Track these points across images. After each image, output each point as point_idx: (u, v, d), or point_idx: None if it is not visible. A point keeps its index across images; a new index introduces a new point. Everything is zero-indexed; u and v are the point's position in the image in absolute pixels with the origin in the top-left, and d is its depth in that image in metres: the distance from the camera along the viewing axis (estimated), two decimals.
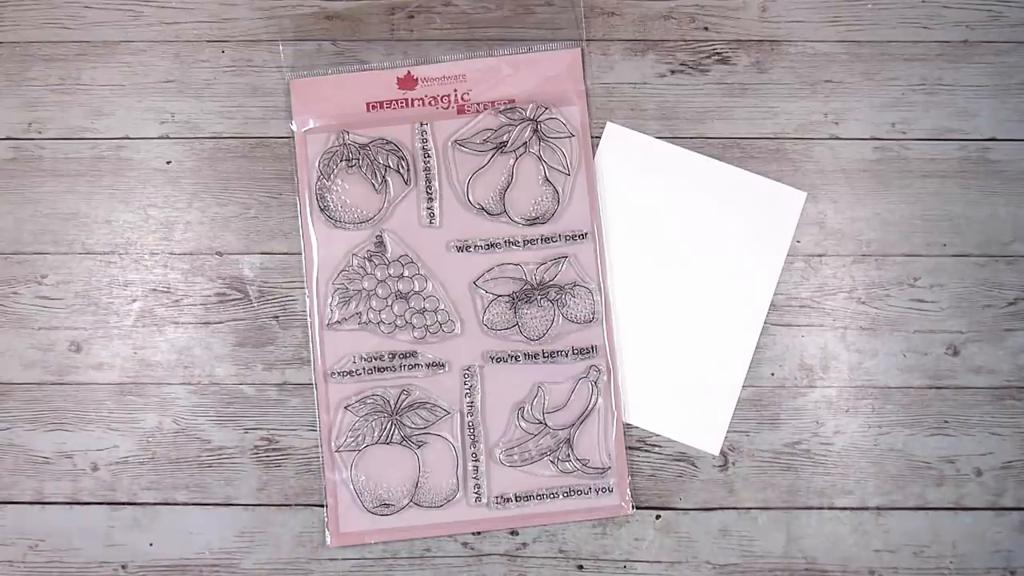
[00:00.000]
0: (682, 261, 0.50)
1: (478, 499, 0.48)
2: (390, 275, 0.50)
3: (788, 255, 0.51)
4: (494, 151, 0.50)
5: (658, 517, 0.50)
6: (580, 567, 0.50)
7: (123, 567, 0.49)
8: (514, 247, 0.50)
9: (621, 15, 0.52)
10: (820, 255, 0.51)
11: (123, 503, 0.50)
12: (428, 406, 0.49)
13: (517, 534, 0.49)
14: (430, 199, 0.50)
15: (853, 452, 0.50)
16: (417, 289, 0.50)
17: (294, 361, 0.50)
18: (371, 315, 0.49)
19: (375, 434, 0.49)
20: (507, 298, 0.50)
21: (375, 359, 0.49)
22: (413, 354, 0.49)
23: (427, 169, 0.50)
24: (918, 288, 0.51)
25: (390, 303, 0.50)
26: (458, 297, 0.50)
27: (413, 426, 0.49)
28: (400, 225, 0.50)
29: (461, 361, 0.49)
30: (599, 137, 0.51)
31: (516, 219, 0.50)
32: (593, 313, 0.50)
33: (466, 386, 0.49)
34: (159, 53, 0.52)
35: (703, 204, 0.51)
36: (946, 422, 0.50)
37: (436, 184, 0.50)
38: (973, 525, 0.50)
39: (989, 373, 0.50)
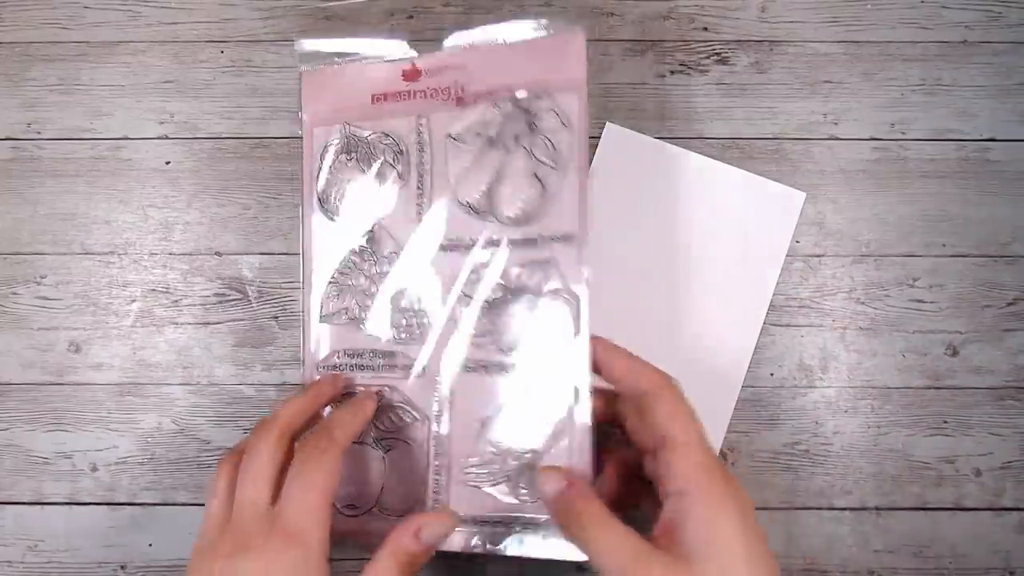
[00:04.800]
0: (681, 261, 0.50)
1: None
2: (377, 272, 0.49)
3: (787, 255, 0.51)
4: (487, 145, 0.49)
5: None
6: (580, 567, 0.49)
7: (122, 567, 0.49)
8: (497, 247, 0.47)
9: (620, 15, 0.52)
10: (819, 255, 0.51)
11: (122, 503, 0.50)
12: (400, 409, 0.47)
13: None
14: (420, 195, 0.49)
15: (852, 452, 0.50)
16: (402, 287, 0.48)
17: (293, 361, 0.50)
18: (357, 312, 0.48)
19: None
20: (486, 304, 0.47)
21: (357, 356, 0.48)
22: (392, 354, 0.48)
23: (420, 164, 0.49)
24: (917, 288, 0.51)
25: (375, 301, 0.48)
26: (440, 298, 0.48)
27: (383, 428, 0.47)
28: (393, 221, 0.49)
29: (435, 367, 0.47)
30: (598, 137, 0.51)
31: (503, 217, 0.47)
32: (575, 328, 0.45)
33: (435, 394, 0.47)
34: (158, 53, 0.52)
35: (702, 204, 0.51)
36: (945, 422, 0.50)
37: (428, 179, 0.49)
38: (972, 525, 0.50)
39: (988, 373, 0.50)
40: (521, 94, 0.48)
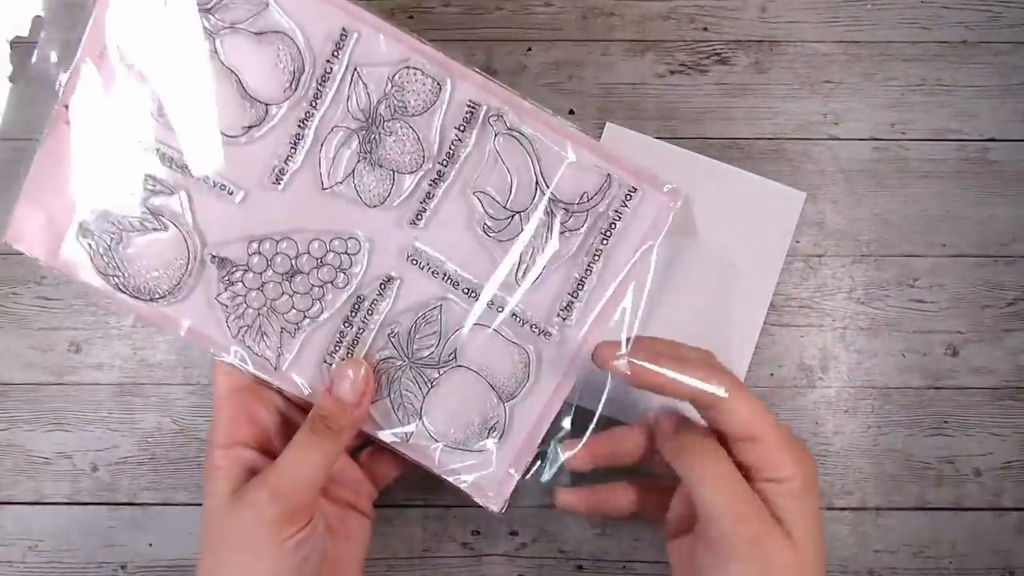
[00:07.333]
0: (680, 261, 0.50)
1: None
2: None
3: (787, 255, 0.51)
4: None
5: None
6: (580, 567, 0.50)
7: (122, 567, 0.49)
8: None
9: (620, 15, 0.52)
10: (819, 255, 0.51)
11: (123, 503, 0.50)
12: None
13: (517, 534, 0.49)
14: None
15: (853, 452, 0.50)
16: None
17: None
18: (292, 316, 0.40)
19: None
20: None
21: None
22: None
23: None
24: (917, 288, 0.51)
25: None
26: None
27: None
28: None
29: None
30: (598, 138, 0.51)
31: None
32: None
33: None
34: None
35: (702, 204, 0.51)
36: (946, 422, 0.50)
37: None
38: (973, 525, 0.50)
39: (989, 373, 0.50)
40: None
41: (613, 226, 0.40)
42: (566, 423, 0.41)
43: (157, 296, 0.39)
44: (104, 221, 0.38)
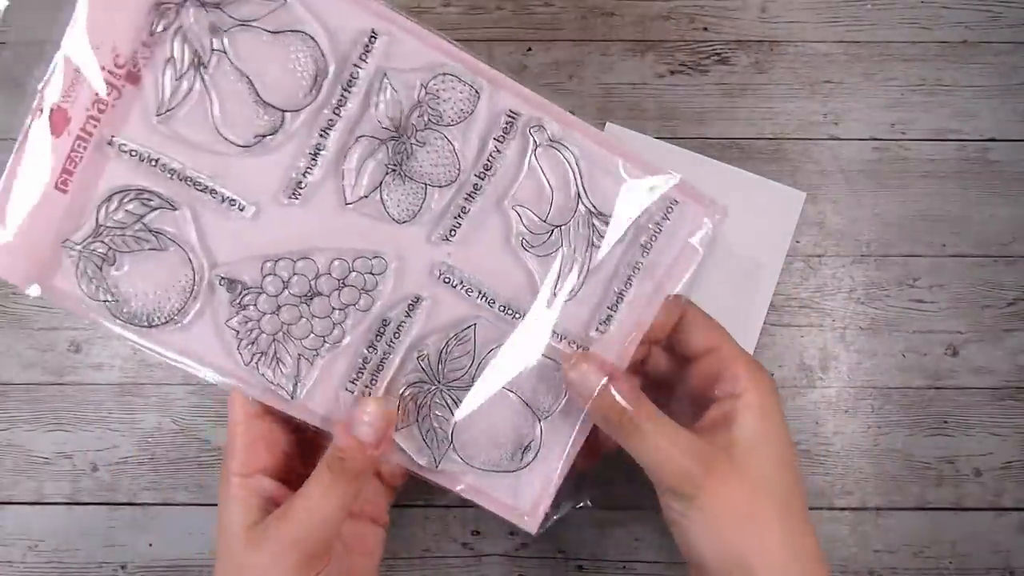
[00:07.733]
0: None
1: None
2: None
3: (787, 255, 0.51)
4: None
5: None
6: (580, 567, 0.50)
7: (122, 567, 0.49)
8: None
9: (620, 15, 0.52)
10: (819, 255, 0.51)
11: (123, 503, 0.50)
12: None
13: (516, 534, 0.49)
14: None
15: (853, 452, 0.50)
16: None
17: None
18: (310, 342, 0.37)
19: None
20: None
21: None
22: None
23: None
24: (917, 288, 0.51)
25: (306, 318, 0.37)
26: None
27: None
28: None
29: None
30: None
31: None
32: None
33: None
34: None
35: None
36: (946, 422, 0.50)
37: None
38: (973, 525, 0.50)
39: (989, 373, 0.50)
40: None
41: (654, 239, 0.38)
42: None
43: (156, 323, 0.35)
44: (92, 240, 0.34)
